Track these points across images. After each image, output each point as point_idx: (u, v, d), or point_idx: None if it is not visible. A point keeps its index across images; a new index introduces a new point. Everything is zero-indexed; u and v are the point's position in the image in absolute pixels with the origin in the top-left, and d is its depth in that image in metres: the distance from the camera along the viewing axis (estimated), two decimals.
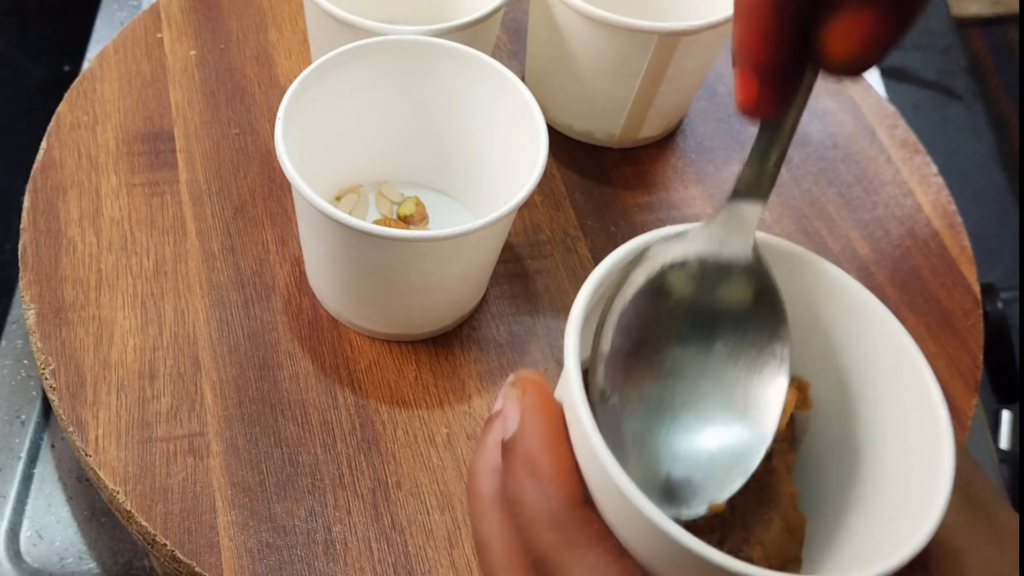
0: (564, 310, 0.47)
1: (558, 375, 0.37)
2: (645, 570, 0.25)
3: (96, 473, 0.40)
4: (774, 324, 0.29)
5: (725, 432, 0.29)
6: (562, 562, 0.25)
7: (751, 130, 0.57)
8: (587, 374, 0.28)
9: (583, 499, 0.26)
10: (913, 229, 0.54)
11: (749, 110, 0.29)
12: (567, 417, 0.27)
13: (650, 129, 0.55)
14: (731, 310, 0.29)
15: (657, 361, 0.29)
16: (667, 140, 0.56)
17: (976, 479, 0.28)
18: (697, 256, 0.29)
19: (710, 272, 0.29)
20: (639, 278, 0.29)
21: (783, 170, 0.55)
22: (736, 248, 0.29)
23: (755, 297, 0.29)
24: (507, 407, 0.28)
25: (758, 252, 0.29)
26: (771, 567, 0.27)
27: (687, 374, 0.29)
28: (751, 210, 0.29)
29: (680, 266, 0.29)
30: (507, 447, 0.27)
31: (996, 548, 0.27)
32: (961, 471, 0.27)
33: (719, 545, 0.24)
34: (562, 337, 0.45)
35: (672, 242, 0.30)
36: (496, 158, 0.46)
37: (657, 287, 0.30)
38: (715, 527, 0.28)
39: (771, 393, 0.29)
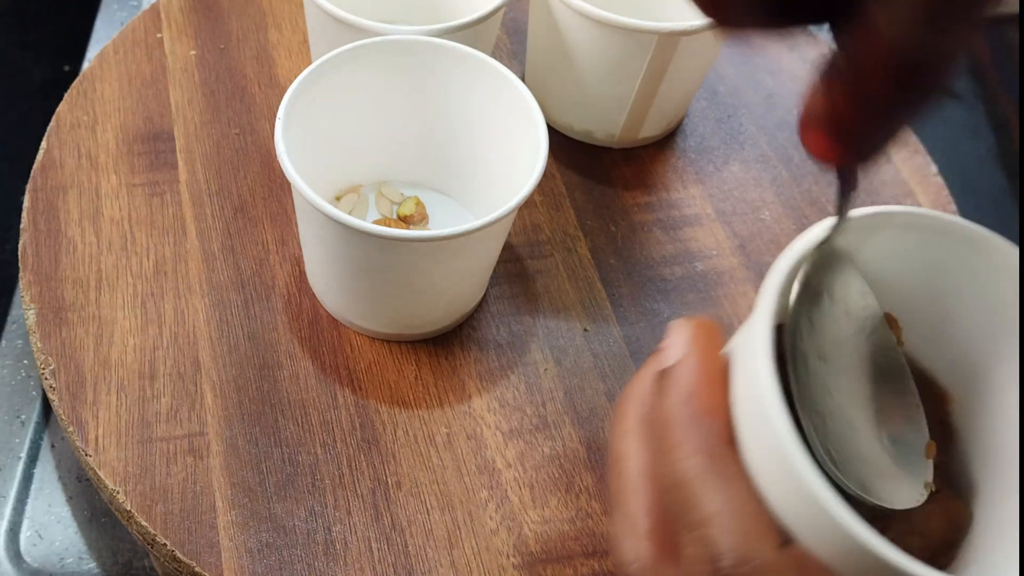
0: (564, 310, 0.47)
1: (558, 374, 0.37)
2: (782, 523, 0.25)
3: (96, 473, 0.40)
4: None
5: (892, 432, 0.29)
6: (701, 487, 0.25)
7: (751, 130, 0.57)
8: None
9: (732, 439, 0.26)
10: None
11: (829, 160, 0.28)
12: (741, 371, 0.27)
13: (650, 129, 0.55)
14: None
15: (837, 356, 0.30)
16: (667, 140, 0.56)
17: None
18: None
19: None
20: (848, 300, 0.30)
21: (783, 170, 0.55)
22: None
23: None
24: (673, 338, 0.28)
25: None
26: (931, 557, 0.27)
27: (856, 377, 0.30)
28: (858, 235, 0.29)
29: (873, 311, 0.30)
30: (666, 373, 0.27)
31: None
32: None
33: (883, 533, 0.24)
34: (563, 337, 0.45)
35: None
36: (496, 158, 0.46)
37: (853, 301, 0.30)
38: (877, 515, 0.27)
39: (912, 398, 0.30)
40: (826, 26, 0.26)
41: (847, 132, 0.26)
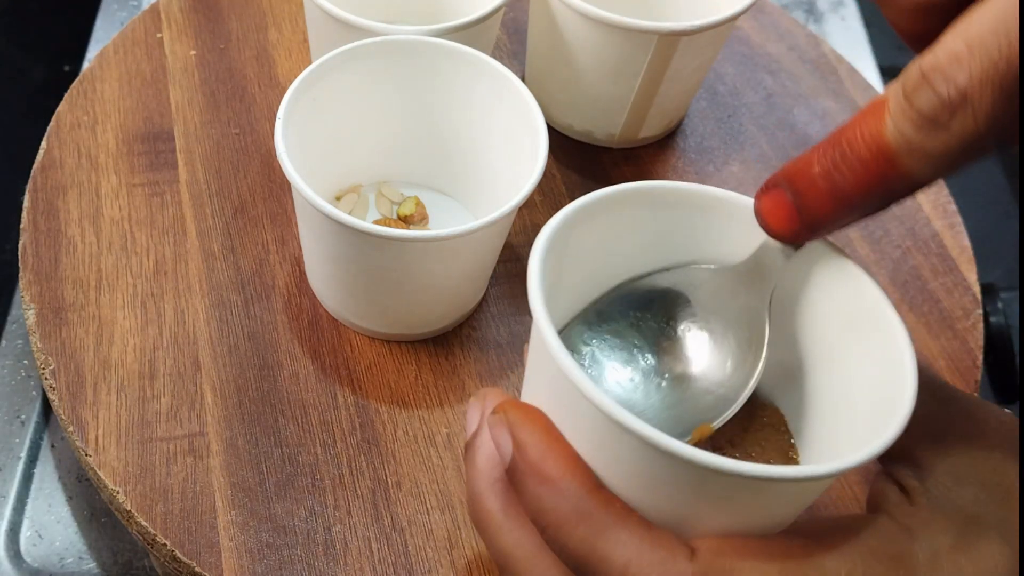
0: None
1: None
2: (672, 526, 0.26)
3: (96, 473, 0.40)
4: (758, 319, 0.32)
5: (702, 383, 0.32)
6: (600, 550, 0.25)
7: (751, 130, 0.57)
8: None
9: (597, 483, 0.27)
10: (913, 229, 0.54)
11: (783, 236, 0.30)
12: (539, 381, 0.28)
13: (650, 129, 0.55)
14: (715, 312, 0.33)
15: (629, 334, 0.32)
16: (667, 140, 0.56)
17: (948, 387, 0.30)
18: (707, 292, 0.33)
19: (709, 299, 0.33)
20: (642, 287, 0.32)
21: None
22: (751, 296, 0.32)
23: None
24: (494, 434, 0.28)
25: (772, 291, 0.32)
26: None
27: (662, 343, 0.32)
28: (778, 255, 0.31)
29: (683, 289, 0.33)
30: (511, 470, 0.27)
31: (973, 426, 0.29)
32: (929, 376, 0.29)
33: None
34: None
35: (695, 272, 0.33)
36: (496, 158, 0.46)
37: (654, 295, 0.33)
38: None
39: (742, 364, 0.32)
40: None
41: (817, 219, 0.28)
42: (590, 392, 0.25)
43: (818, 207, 0.27)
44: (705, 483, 0.25)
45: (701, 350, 0.32)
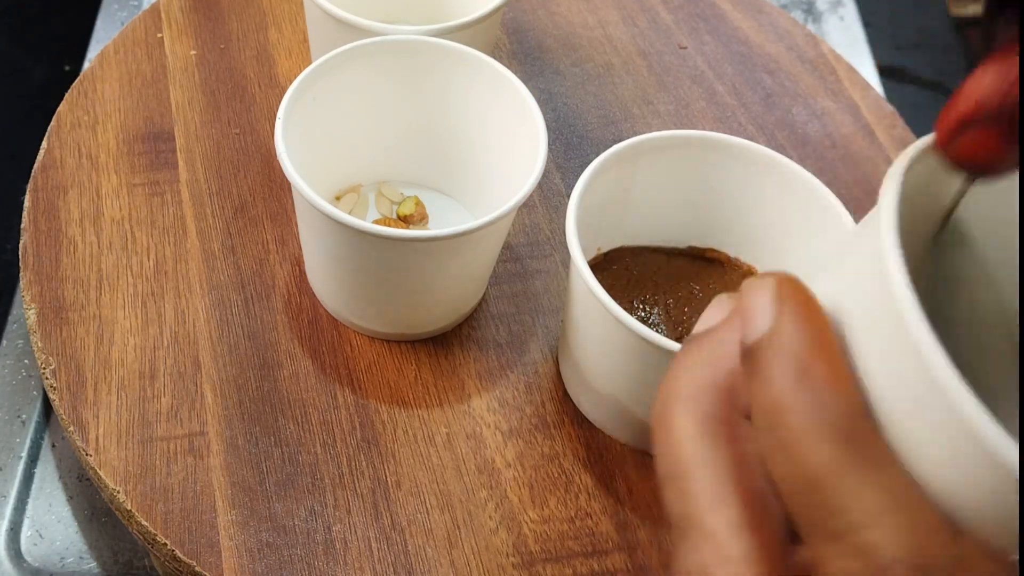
0: (564, 310, 0.47)
1: (558, 374, 0.36)
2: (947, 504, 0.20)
3: (96, 473, 0.40)
4: None
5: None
6: (849, 481, 0.19)
7: (750, 129, 0.57)
8: None
9: (867, 410, 0.21)
10: None
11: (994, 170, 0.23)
12: (847, 285, 0.22)
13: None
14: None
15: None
16: None
17: None
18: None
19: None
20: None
21: None
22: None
23: None
24: (753, 300, 0.22)
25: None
26: None
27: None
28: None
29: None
30: (757, 348, 0.21)
31: None
32: None
33: None
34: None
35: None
36: (496, 158, 0.46)
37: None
38: None
39: None
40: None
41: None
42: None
43: None
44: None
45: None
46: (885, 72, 0.73)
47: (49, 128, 0.52)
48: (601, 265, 0.44)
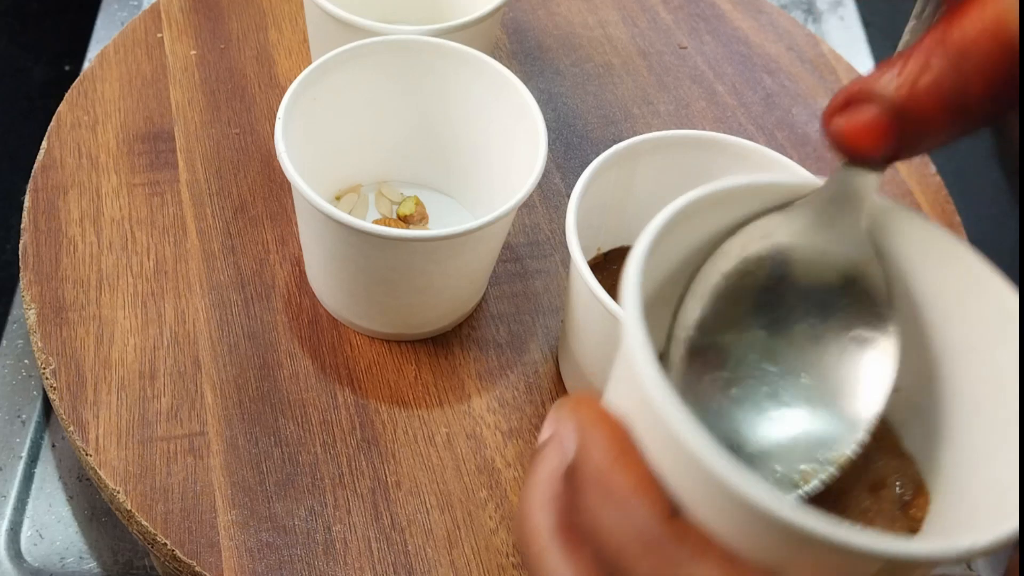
0: (564, 310, 0.47)
1: (558, 374, 0.36)
2: (765, 569, 0.22)
3: (96, 472, 0.40)
4: (873, 306, 0.27)
5: (811, 417, 0.27)
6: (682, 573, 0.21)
7: (750, 129, 0.57)
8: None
9: (672, 509, 0.22)
10: None
11: (872, 159, 0.25)
12: (624, 391, 0.24)
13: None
14: (823, 289, 0.27)
15: (733, 342, 0.27)
16: None
17: None
18: (798, 238, 0.27)
19: (809, 254, 0.27)
20: (734, 250, 0.27)
21: None
22: (843, 229, 0.27)
23: (856, 276, 0.27)
24: (560, 429, 0.24)
25: (868, 231, 0.27)
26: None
27: (767, 357, 0.27)
28: (865, 181, 0.26)
29: (778, 249, 0.27)
30: (571, 472, 0.23)
31: None
32: None
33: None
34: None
35: (772, 217, 0.27)
36: (496, 158, 0.46)
37: (750, 268, 0.27)
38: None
39: (867, 378, 0.26)
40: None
41: (923, 134, 0.24)
42: (702, 450, 0.21)
43: (927, 119, 0.23)
44: (815, 547, 0.21)
45: (814, 344, 0.27)
46: None
47: (49, 128, 0.52)
48: (601, 265, 0.44)
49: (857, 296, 0.27)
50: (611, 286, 0.44)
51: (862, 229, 0.27)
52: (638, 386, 0.22)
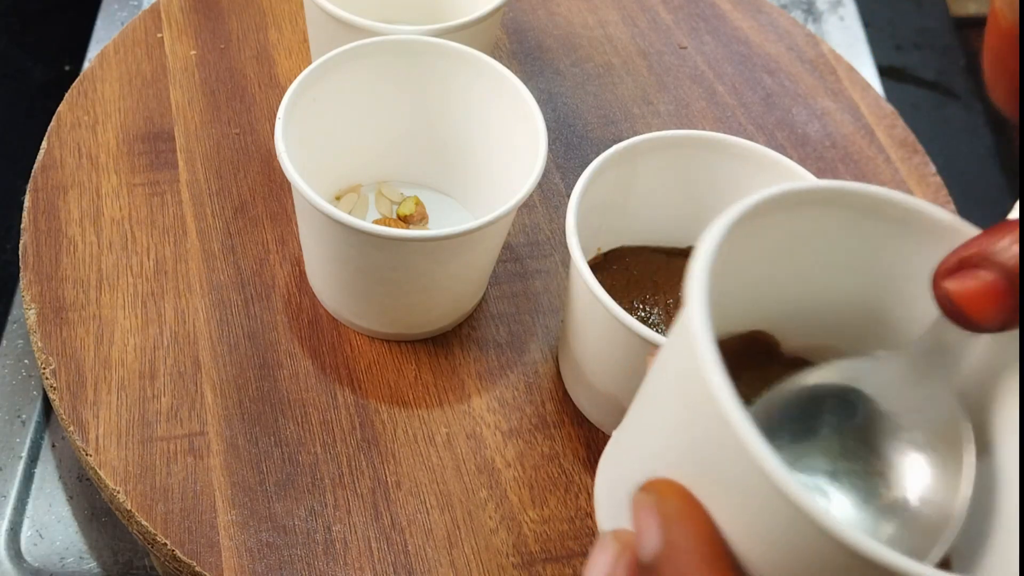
0: (563, 310, 0.47)
1: (558, 374, 0.35)
2: None
3: (96, 472, 0.40)
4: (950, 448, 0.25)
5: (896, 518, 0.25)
6: None
7: (750, 129, 0.57)
8: None
9: None
10: None
11: (987, 326, 0.23)
12: (709, 471, 0.21)
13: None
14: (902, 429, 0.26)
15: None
16: None
17: None
18: (883, 390, 0.26)
19: (893, 407, 0.26)
20: (809, 381, 0.26)
21: None
22: (934, 388, 0.25)
23: (938, 431, 0.26)
24: (641, 519, 0.22)
25: (961, 391, 0.25)
26: None
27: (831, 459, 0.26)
28: (964, 341, 0.24)
29: (859, 396, 0.26)
30: (648, 570, 0.22)
31: None
32: None
33: None
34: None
35: (858, 363, 0.26)
36: (496, 158, 0.46)
37: (823, 395, 0.26)
38: None
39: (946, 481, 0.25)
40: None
41: None
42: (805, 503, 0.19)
43: None
44: None
45: (897, 465, 0.25)
46: (885, 72, 0.73)
47: (49, 128, 0.52)
48: (601, 265, 0.44)
49: (933, 438, 0.26)
50: (611, 286, 0.44)
51: (954, 390, 0.25)
52: (737, 460, 0.20)
